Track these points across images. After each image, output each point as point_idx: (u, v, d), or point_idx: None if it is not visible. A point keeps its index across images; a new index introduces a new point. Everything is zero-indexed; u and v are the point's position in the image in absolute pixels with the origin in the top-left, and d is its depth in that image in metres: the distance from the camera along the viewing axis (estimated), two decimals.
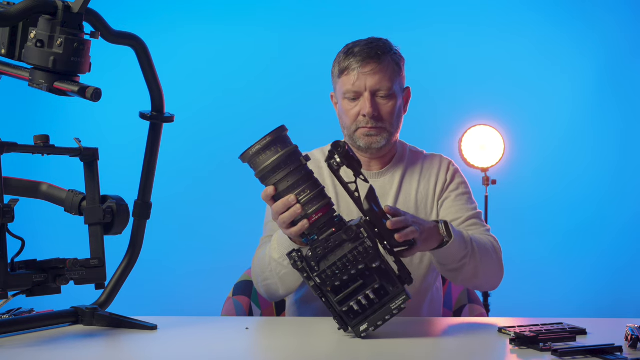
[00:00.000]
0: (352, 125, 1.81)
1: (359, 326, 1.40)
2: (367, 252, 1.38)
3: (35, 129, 1.84)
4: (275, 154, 1.42)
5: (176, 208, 3.70)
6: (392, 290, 1.40)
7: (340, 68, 1.80)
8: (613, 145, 3.86)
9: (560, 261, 3.83)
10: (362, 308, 1.39)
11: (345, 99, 1.81)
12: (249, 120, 3.84)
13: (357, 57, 1.78)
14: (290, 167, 1.42)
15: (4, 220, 1.34)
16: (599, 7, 3.85)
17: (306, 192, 1.42)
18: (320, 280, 1.38)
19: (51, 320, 1.52)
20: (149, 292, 3.55)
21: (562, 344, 1.30)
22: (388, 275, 1.39)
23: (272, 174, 1.43)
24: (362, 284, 1.39)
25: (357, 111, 1.79)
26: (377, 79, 1.77)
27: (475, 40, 3.86)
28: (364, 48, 1.78)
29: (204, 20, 3.89)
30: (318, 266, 1.39)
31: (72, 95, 1.37)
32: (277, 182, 1.43)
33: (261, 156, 1.42)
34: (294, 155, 1.43)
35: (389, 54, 1.80)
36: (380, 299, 1.39)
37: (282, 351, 1.38)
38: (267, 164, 1.42)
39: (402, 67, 1.84)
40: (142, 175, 1.62)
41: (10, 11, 1.30)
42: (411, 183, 1.89)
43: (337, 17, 3.82)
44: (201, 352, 1.36)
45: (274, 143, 1.42)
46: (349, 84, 1.78)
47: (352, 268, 1.38)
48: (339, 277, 1.38)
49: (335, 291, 1.39)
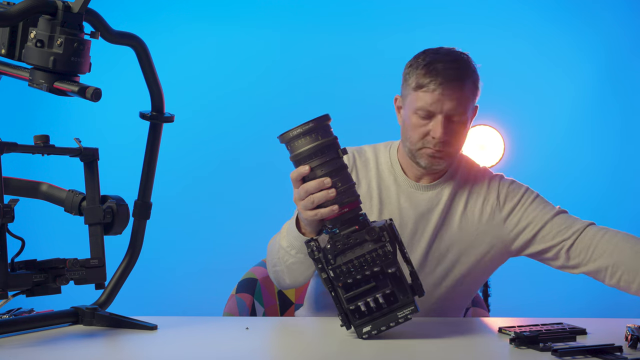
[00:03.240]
0: (417, 142, 1.72)
1: (362, 327, 1.40)
2: (385, 256, 1.38)
3: (35, 129, 1.84)
4: (315, 141, 1.41)
5: (176, 208, 3.70)
6: (402, 298, 1.40)
7: (419, 83, 1.69)
8: (613, 145, 3.86)
9: None
10: (369, 310, 1.39)
11: (416, 114, 1.71)
12: (249, 120, 3.84)
13: (439, 78, 1.67)
14: (327, 157, 1.41)
15: (4, 220, 1.34)
16: (599, 7, 3.85)
17: (337, 185, 1.41)
18: (334, 275, 1.38)
19: (51, 320, 1.52)
20: (149, 292, 3.55)
21: (562, 344, 1.30)
22: (401, 283, 1.39)
23: (308, 160, 1.42)
24: (374, 286, 1.39)
25: (426, 130, 1.70)
26: (455, 104, 1.68)
27: (475, 40, 3.85)
28: (448, 68, 1.69)
29: (204, 20, 3.89)
30: (334, 260, 1.38)
31: (72, 95, 1.37)
32: (312, 169, 1.42)
33: (300, 140, 1.41)
34: (333, 146, 1.42)
35: (471, 77, 1.73)
36: (388, 305, 1.39)
37: (282, 351, 1.38)
38: (305, 149, 1.41)
39: (479, 88, 1.77)
40: (142, 175, 1.62)
41: (10, 11, 1.30)
42: (460, 200, 1.81)
43: (337, 17, 3.82)
44: (201, 352, 1.36)
45: (315, 130, 1.41)
46: (424, 101, 1.68)
47: (367, 269, 1.38)
48: (353, 275, 1.38)
49: (346, 288, 1.38)
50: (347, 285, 1.38)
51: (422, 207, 1.79)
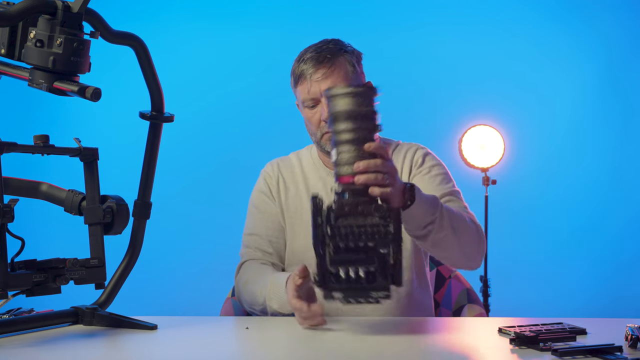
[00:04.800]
0: (317, 131, 1.81)
1: (333, 292, 1.38)
2: (385, 235, 1.37)
3: (35, 129, 1.84)
4: (357, 106, 1.40)
5: (176, 208, 3.70)
6: (380, 280, 1.38)
7: (295, 77, 1.82)
8: (613, 145, 3.86)
9: (560, 261, 3.83)
10: (347, 279, 1.37)
11: (305, 107, 1.81)
12: (249, 120, 3.85)
13: (308, 64, 1.77)
14: (362, 124, 1.40)
15: (4, 220, 1.34)
16: (599, 7, 3.85)
17: (361, 152, 1.40)
18: (331, 233, 1.36)
19: (51, 320, 1.52)
20: (149, 292, 3.55)
21: (562, 344, 1.30)
22: (385, 266, 1.38)
23: (342, 121, 1.41)
24: (361, 258, 1.38)
25: (318, 117, 1.79)
26: (329, 83, 1.75)
27: (475, 40, 3.86)
28: (313, 54, 1.78)
29: (204, 20, 3.90)
30: (336, 221, 1.38)
31: (72, 95, 1.37)
32: (341, 130, 1.41)
33: (345, 99, 1.41)
34: (372, 119, 1.42)
35: (340, 54, 1.78)
36: (367, 282, 1.38)
37: (282, 351, 1.38)
38: (345, 109, 1.40)
39: (356, 64, 1.81)
40: (142, 175, 1.62)
41: (9, 11, 1.30)
42: None
43: (337, 17, 3.82)
44: (201, 352, 1.36)
45: (363, 96, 1.40)
46: (304, 92, 1.79)
47: (364, 240, 1.37)
48: (348, 240, 1.36)
49: (336, 250, 1.37)
50: (337, 248, 1.37)
51: None
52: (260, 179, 1.95)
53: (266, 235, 1.88)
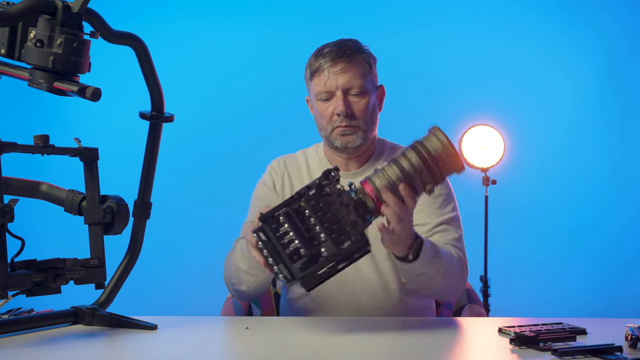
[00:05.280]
0: (327, 125, 1.81)
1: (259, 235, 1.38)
2: (351, 233, 1.37)
3: (35, 129, 1.84)
4: (436, 161, 1.44)
5: (176, 208, 3.70)
6: (303, 265, 1.36)
7: (312, 70, 1.82)
8: (613, 145, 3.86)
9: (560, 261, 3.83)
10: (283, 244, 1.36)
11: (318, 100, 1.81)
12: (249, 120, 3.85)
13: (326, 58, 1.78)
14: (424, 173, 1.43)
15: (4, 220, 1.34)
16: (599, 7, 3.85)
17: (398, 182, 1.42)
18: (309, 204, 1.36)
19: (51, 320, 1.52)
20: (149, 292, 3.55)
21: (562, 344, 1.30)
22: (317, 258, 1.36)
23: (416, 152, 1.43)
24: (308, 235, 1.36)
25: (331, 111, 1.80)
26: (348, 77, 1.78)
27: (475, 40, 3.86)
28: (333, 48, 1.80)
29: (204, 20, 3.90)
30: (320, 195, 1.37)
31: (72, 95, 1.37)
32: (408, 158, 1.43)
33: (439, 144, 1.44)
34: (434, 179, 1.45)
35: (359, 53, 1.81)
36: (292, 258, 1.36)
37: (282, 351, 1.38)
38: (430, 148, 1.44)
39: (372, 65, 1.84)
40: (142, 175, 1.62)
41: (9, 11, 1.30)
42: None
43: (337, 17, 3.82)
44: (201, 352, 1.36)
45: (450, 158, 1.44)
46: (320, 84, 1.79)
47: (326, 221, 1.36)
48: (309, 214, 1.36)
49: (288, 216, 1.37)
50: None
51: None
52: (266, 174, 1.95)
53: None
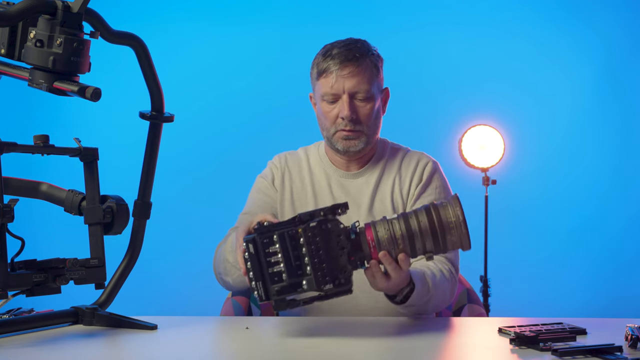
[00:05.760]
0: (331, 127, 1.81)
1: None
2: (338, 273, 1.37)
3: (35, 129, 1.84)
4: (451, 241, 1.41)
5: (176, 208, 3.70)
6: (281, 289, 1.36)
7: (319, 70, 1.80)
8: (613, 145, 3.86)
9: (560, 261, 3.83)
10: (270, 264, 1.36)
11: (323, 101, 1.80)
12: (249, 120, 3.85)
13: (335, 60, 1.77)
14: (434, 244, 1.41)
15: (4, 220, 1.34)
16: (599, 7, 3.85)
17: (402, 246, 1.41)
18: (306, 235, 1.36)
19: (51, 320, 1.52)
20: (149, 292, 3.55)
21: (562, 344, 1.30)
22: (295, 287, 1.37)
23: (430, 222, 1.40)
24: (295, 264, 1.36)
25: (335, 114, 1.79)
26: (355, 82, 1.76)
27: (475, 40, 3.86)
28: (342, 50, 1.78)
29: (204, 20, 3.90)
30: (320, 230, 1.36)
31: (72, 95, 1.37)
32: (420, 222, 1.40)
33: (455, 216, 1.40)
34: (442, 245, 1.42)
35: (367, 56, 1.80)
36: (274, 280, 1.36)
37: (282, 351, 1.38)
38: (445, 221, 1.40)
39: (380, 68, 1.83)
40: (142, 175, 1.62)
41: (9, 11, 1.30)
42: (387, 183, 1.87)
43: (337, 17, 3.82)
44: (201, 352, 1.36)
45: (460, 239, 1.41)
46: (327, 86, 1.78)
47: (316, 256, 1.36)
48: (308, 247, 1.36)
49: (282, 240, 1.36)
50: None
51: (353, 193, 1.87)
52: (267, 168, 1.95)
53: (257, 214, 1.88)
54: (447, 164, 1.96)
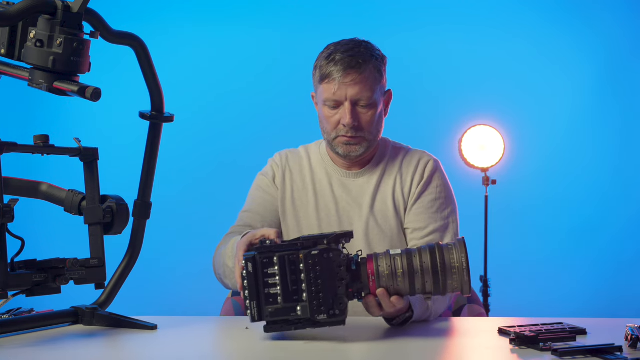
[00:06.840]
0: (332, 132, 1.80)
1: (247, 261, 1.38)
2: (332, 299, 1.37)
3: (35, 129, 1.84)
4: (449, 286, 1.40)
5: (176, 208, 3.70)
6: (276, 309, 1.37)
7: (321, 75, 1.77)
8: (613, 145, 3.86)
9: (560, 261, 3.83)
10: (266, 284, 1.36)
11: (325, 106, 1.79)
12: (249, 120, 3.85)
13: (338, 66, 1.74)
14: (432, 285, 1.40)
15: (4, 220, 1.34)
16: (599, 7, 3.85)
17: (403, 285, 1.40)
18: (307, 261, 1.36)
19: (51, 320, 1.52)
20: (149, 292, 3.55)
21: (562, 344, 1.30)
22: (290, 312, 1.37)
23: (435, 262, 1.39)
24: (292, 288, 1.36)
25: (337, 119, 1.78)
26: (357, 90, 1.74)
27: (475, 40, 3.86)
28: (345, 57, 1.75)
29: (204, 20, 3.90)
30: (321, 260, 1.36)
31: (72, 95, 1.37)
32: (424, 262, 1.39)
33: (459, 259, 1.39)
34: (442, 287, 1.41)
35: (371, 61, 1.77)
36: (269, 301, 1.37)
37: (282, 351, 1.38)
38: (448, 264, 1.38)
39: (383, 72, 1.81)
40: (142, 175, 1.62)
41: (9, 11, 1.30)
42: (388, 182, 1.87)
43: (337, 17, 3.82)
44: (201, 352, 1.36)
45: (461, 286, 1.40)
46: (329, 92, 1.76)
47: (313, 279, 1.36)
48: (298, 272, 1.36)
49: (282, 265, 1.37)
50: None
51: (355, 192, 1.87)
52: (268, 166, 1.95)
53: (259, 213, 1.88)
54: (447, 164, 1.96)
